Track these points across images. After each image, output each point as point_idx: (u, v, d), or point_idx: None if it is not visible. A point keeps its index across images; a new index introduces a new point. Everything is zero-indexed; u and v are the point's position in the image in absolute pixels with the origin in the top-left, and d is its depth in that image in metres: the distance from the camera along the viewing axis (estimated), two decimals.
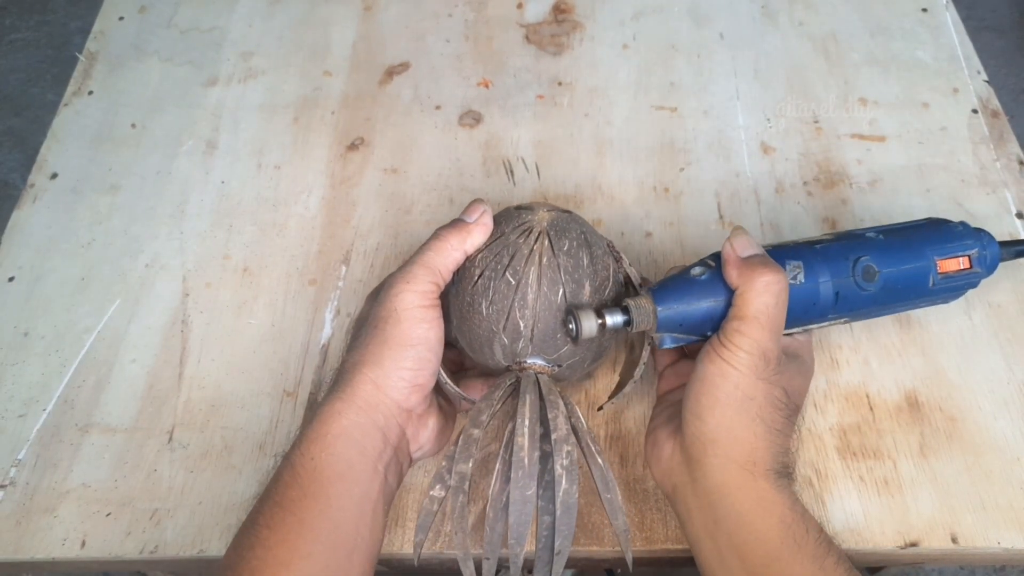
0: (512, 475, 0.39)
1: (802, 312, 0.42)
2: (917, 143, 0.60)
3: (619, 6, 0.70)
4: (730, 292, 0.40)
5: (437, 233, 0.42)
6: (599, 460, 0.41)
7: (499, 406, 0.42)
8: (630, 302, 0.41)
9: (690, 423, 0.40)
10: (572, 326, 0.40)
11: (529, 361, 0.43)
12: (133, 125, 0.64)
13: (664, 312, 0.40)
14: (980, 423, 0.47)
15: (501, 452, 0.41)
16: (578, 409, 0.42)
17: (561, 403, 0.41)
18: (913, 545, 0.43)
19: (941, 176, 0.58)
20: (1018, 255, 0.48)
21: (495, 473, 0.40)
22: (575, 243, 0.42)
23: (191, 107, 0.65)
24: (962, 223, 0.45)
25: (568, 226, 0.43)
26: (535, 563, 0.41)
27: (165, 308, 0.54)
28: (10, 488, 0.46)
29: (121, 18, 0.71)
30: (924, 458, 0.46)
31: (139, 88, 0.66)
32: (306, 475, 0.38)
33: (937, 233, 0.45)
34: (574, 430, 0.41)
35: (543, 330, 0.41)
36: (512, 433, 0.40)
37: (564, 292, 0.41)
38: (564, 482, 0.39)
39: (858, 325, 0.50)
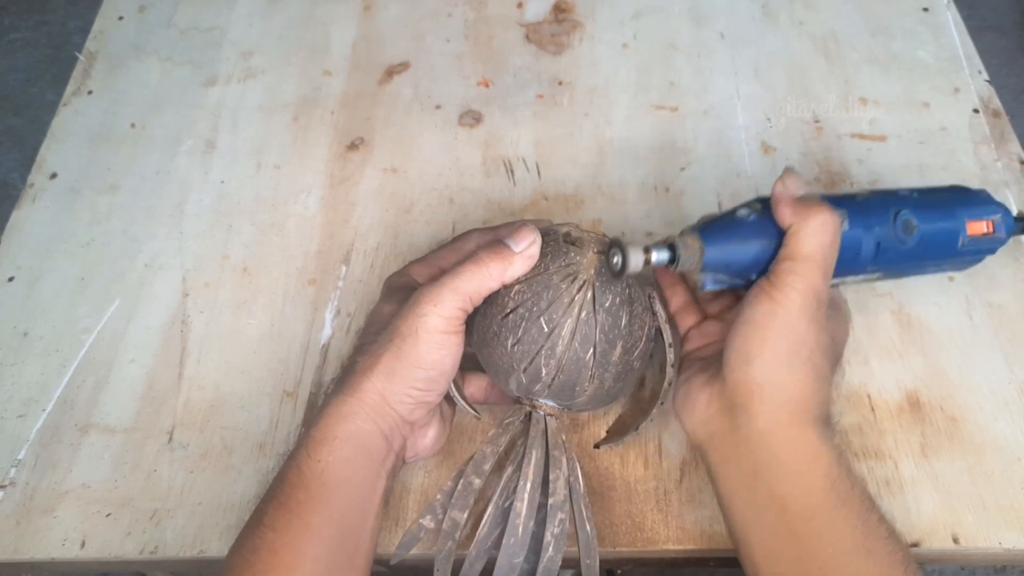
0: (504, 540, 0.39)
1: (844, 262, 0.41)
2: (918, 143, 0.60)
3: (619, 5, 0.70)
4: (779, 234, 0.38)
5: (478, 256, 0.39)
6: (587, 528, 0.41)
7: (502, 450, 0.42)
8: (677, 239, 0.39)
9: (735, 368, 0.38)
10: (617, 260, 0.38)
11: (541, 401, 0.42)
12: (132, 125, 0.64)
13: (712, 252, 0.39)
14: (981, 423, 0.47)
15: (495, 497, 0.41)
16: (579, 466, 0.42)
17: (564, 462, 0.41)
18: (914, 545, 0.43)
19: (942, 176, 0.58)
20: None
21: (486, 516, 0.40)
22: (618, 299, 0.40)
23: (190, 107, 0.65)
24: (984, 190, 0.46)
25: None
26: None
27: (164, 308, 0.53)
28: (10, 488, 0.46)
29: (120, 17, 0.71)
30: (925, 458, 0.45)
31: (138, 88, 0.66)
32: (313, 478, 0.37)
33: (966, 196, 0.46)
34: (570, 491, 0.41)
35: (563, 381, 0.40)
36: (511, 487, 0.40)
37: (595, 352, 0.40)
38: (551, 550, 0.39)
39: (859, 324, 0.50)
